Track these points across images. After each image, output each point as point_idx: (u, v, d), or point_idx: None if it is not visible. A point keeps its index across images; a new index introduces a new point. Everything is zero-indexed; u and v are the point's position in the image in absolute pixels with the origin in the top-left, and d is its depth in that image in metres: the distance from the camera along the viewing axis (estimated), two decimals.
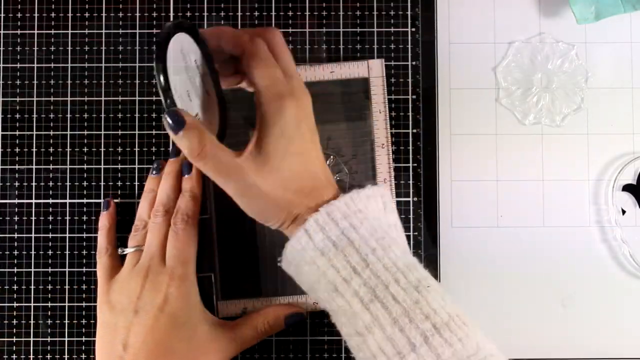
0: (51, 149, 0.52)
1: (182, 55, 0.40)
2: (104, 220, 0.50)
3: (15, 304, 0.51)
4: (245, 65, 0.41)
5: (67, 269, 0.51)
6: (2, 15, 0.52)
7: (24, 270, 0.51)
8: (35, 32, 0.52)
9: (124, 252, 0.49)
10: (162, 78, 0.38)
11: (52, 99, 0.52)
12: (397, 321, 0.37)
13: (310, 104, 0.42)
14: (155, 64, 0.38)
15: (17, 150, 0.52)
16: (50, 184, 0.52)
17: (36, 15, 0.52)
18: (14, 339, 0.51)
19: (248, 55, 0.41)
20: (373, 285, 0.38)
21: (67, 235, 0.52)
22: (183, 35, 0.40)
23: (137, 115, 0.52)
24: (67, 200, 0.52)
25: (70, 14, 0.52)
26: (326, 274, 0.40)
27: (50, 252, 0.52)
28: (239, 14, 0.52)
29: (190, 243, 0.48)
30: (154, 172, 0.50)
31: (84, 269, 0.51)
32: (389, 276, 0.39)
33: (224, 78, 0.45)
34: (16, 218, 0.52)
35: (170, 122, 0.38)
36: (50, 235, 0.52)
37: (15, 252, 0.52)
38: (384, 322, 0.38)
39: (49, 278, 0.51)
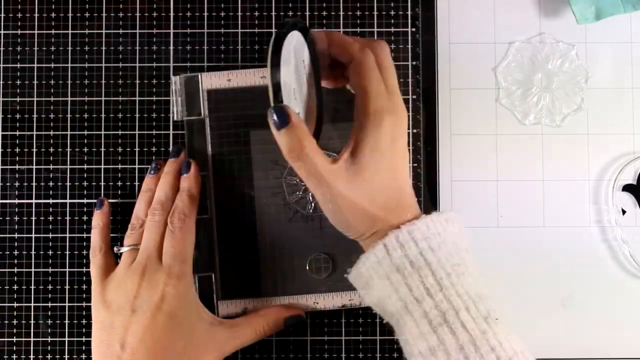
0: (51, 149, 0.52)
1: (293, 53, 0.40)
2: (98, 219, 0.50)
3: (15, 304, 0.51)
4: (352, 74, 0.42)
5: (67, 269, 0.51)
6: (2, 15, 0.52)
7: (24, 270, 0.51)
8: (35, 32, 0.52)
9: (120, 251, 0.49)
10: (275, 73, 0.37)
11: (52, 99, 0.52)
12: (463, 348, 0.37)
13: (406, 122, 0.42)
14: (271, 58, 0.37)
15: (17, 150, 0.52)
16: (50, 184, 0.52)
17: (36, 15, 0.52)
18: (14, 339, 0.51)
19: (355, 65, 0.41)
20: (444, 309, 0.38)
21: (67, 235, 0.52)
22: (296, 34, 0.40)
23: (137, 115, 0.52)
24: (67, 200, 0.52)
25: (70, 14, 0.52)
26: (398, 291, 0.40)
27: (50, 252, 0.52)
28: (239, 14, 0.52)
29: (187, 241, 0.48)
30: (152, 172, 0.50)
31: (84, 269, 0.51)
32: (461, 303, 0.39)
33: (327, 80, 0.45)
34: (16, 218, 0.52)
35: (275, 117, 0.38)
36: (50, 235, 0.52)
37: (15, 252, 0.52)
38: (450, 347, 0.38)
39: (49, 278, 0.51)
